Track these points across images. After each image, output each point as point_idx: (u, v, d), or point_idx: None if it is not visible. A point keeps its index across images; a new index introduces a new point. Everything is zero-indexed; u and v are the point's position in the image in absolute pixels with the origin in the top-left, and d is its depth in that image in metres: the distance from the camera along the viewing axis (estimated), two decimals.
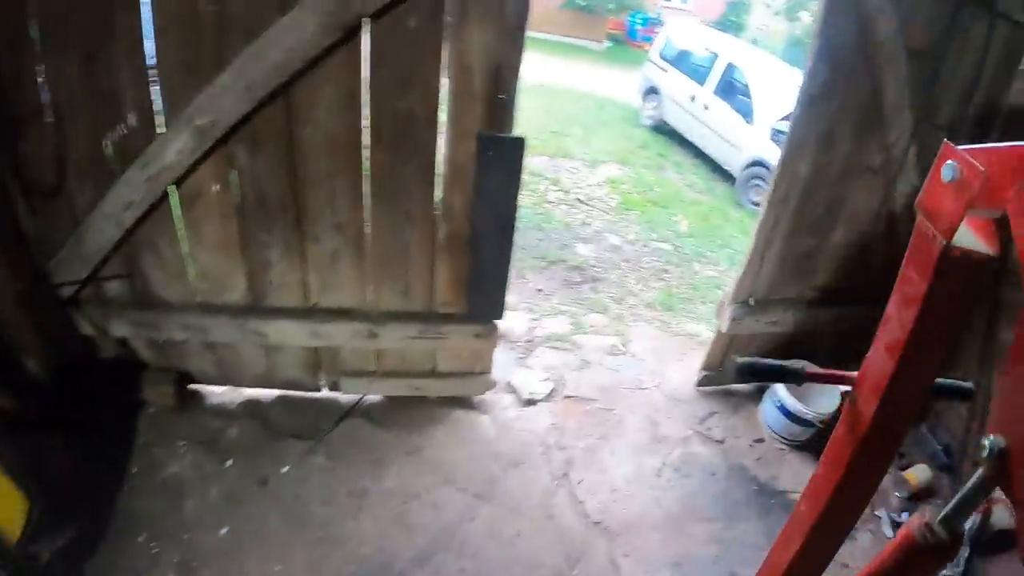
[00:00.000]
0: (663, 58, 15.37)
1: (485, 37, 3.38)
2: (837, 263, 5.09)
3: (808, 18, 30.24)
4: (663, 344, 6.53)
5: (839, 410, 5.31)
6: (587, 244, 8.53)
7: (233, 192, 3.69)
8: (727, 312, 5.01)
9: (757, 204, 11.59)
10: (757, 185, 12.08)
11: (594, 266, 7.95)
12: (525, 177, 9.61)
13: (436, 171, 3.80)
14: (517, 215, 4.02)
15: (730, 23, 32.76)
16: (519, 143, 3.73)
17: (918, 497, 4.99)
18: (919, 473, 5.08)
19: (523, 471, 4.67)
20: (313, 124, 3.50)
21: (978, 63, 4.37)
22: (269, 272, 4.03)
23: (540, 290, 7.19)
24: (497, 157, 3.70)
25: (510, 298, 6.70)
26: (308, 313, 4.21)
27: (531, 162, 10.80)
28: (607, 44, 28.45)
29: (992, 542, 4.20)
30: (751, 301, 5.01)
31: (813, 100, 4.07)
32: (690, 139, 14.11)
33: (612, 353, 6.16)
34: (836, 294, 5.28)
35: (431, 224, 3.97)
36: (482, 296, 4.30)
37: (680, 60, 14.95)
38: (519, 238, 8.10)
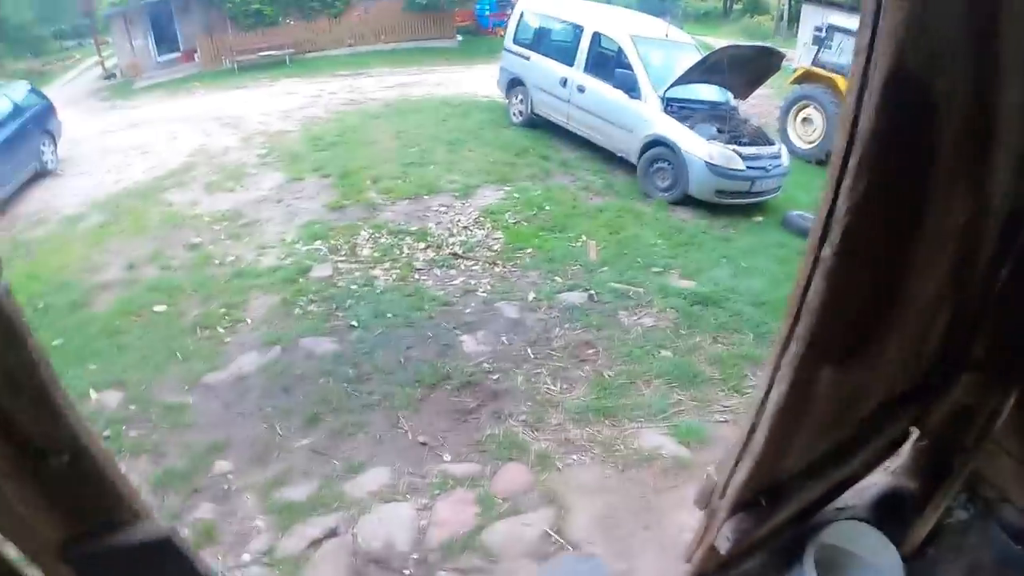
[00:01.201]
0: (519, 43, 12.89)
1: None
2: (883, 384, 2.79)
3: None
4: (616, 502, 4.18)
5: None
6: (476, 332, 6.13)
7: None
8: (725, 527, 2.66)
9: (666, 192, 9.49)
10: (661, 169, 9.89)
11: (491, 372, 5.54)
12: (384, 241, 7.37)
13: None
14: None
15: None
16: None
17: None
18: None
19: None
20: None
21: None
22: None
23: (424, 443, 4.79)
24: None
25: (382, 473, 4.45)
26: None
27: (389, 214, 8.52)
28: (459, 39, 26.20)
29: None
30: (763, 501, 2.67)
31: (880, 141, 1.68)
32: (571, 130, 11.72)
33: (544, 555, 3.78)
34: (873, 419, 3.01)
35: None
36: None
37: (540, 42, 12.52)
38: (380, 356, 5.85)
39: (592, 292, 6.84)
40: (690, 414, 5.21)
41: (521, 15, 13.05)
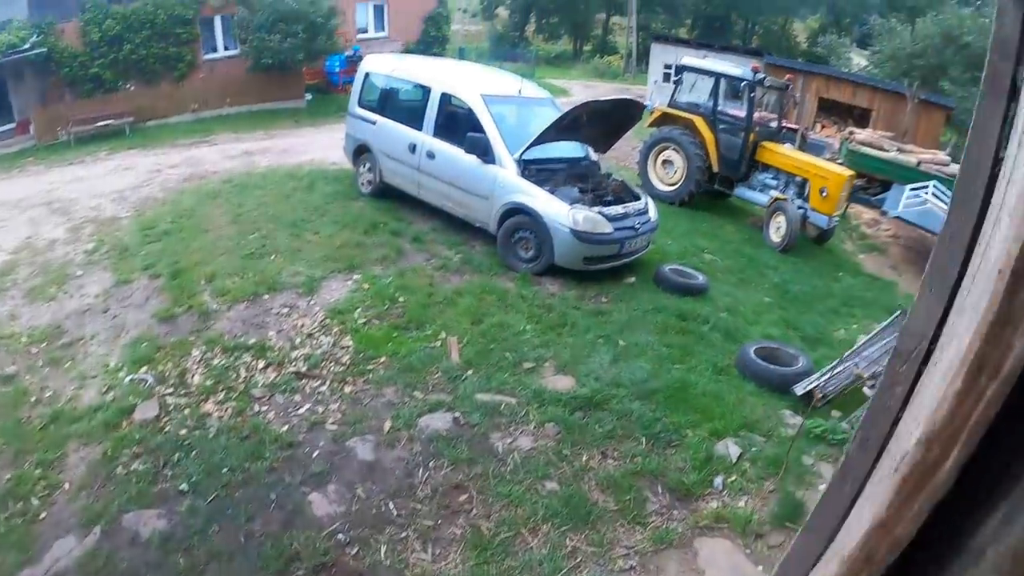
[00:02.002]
0: (365, 107, 11.76)
1: None
2: None
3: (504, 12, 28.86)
4: None
5: None
6: (326, 486, 5.06)
7: None
8: None
9: (530, 263, 8.80)
10: (523, 239, 9.07)
11: (347, 543, 4.51)
12: (218, 362, 6.03)
13: None
14: None
15: (432, 39, 30.18)
16: None
17: None
18: None
19: None
20: None
21: None
22: None
23: None
24: None
25: None
26: None
27: (225, 323, 7.50)
28: (308, 98, 25.02)
29: None
30: None
31: None
32: (424, 199, 10.67)
33: None
34: None
35: None
36: None
37: (386, 105, 11.46)
38: (216, 534, 4.50)
39: (457, 413, 5.83)
40: (588, 564, 4.35)
41: (366, 76, 11.94)
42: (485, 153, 9.35)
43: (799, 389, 6.59)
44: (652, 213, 9.61)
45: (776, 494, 5.14)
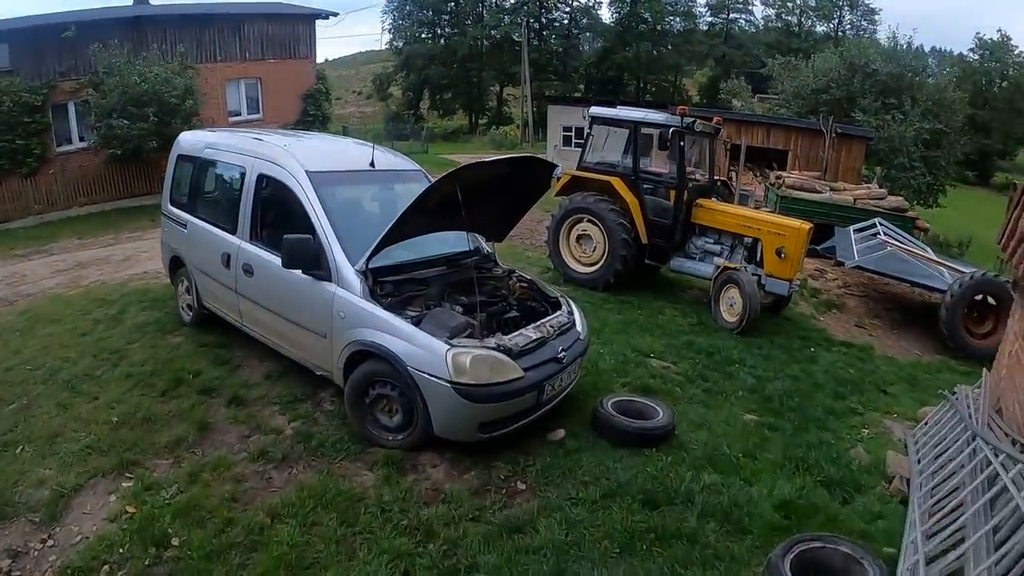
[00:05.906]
0: (177, 204, 7.96)
1: None
2: None
3: (399, 91, 27.45)
4: None
5: None
6: None
7: None
8: None
9: (398, 433, 5.09)
10: (384, 396, 5.34)
11: None
12: None
13: None
14: None
15: (312, 117, 26.75)
16: None
17: None
18: None
19: None
20: None
21: None
22: None
23: None
24: None
25: None
26: None
27: None
28: None
29: None
30: None
31: None
32: (250, 333, 6.86)
33: None
34: None
35: None
36: None
37: (197, 199, 7.69)
38: None
39: None
40: None
41: (177, 160, 8.11)
42: (315, 264, 5.66)
43: None
44: (579, 323, 6.12)
45: None
